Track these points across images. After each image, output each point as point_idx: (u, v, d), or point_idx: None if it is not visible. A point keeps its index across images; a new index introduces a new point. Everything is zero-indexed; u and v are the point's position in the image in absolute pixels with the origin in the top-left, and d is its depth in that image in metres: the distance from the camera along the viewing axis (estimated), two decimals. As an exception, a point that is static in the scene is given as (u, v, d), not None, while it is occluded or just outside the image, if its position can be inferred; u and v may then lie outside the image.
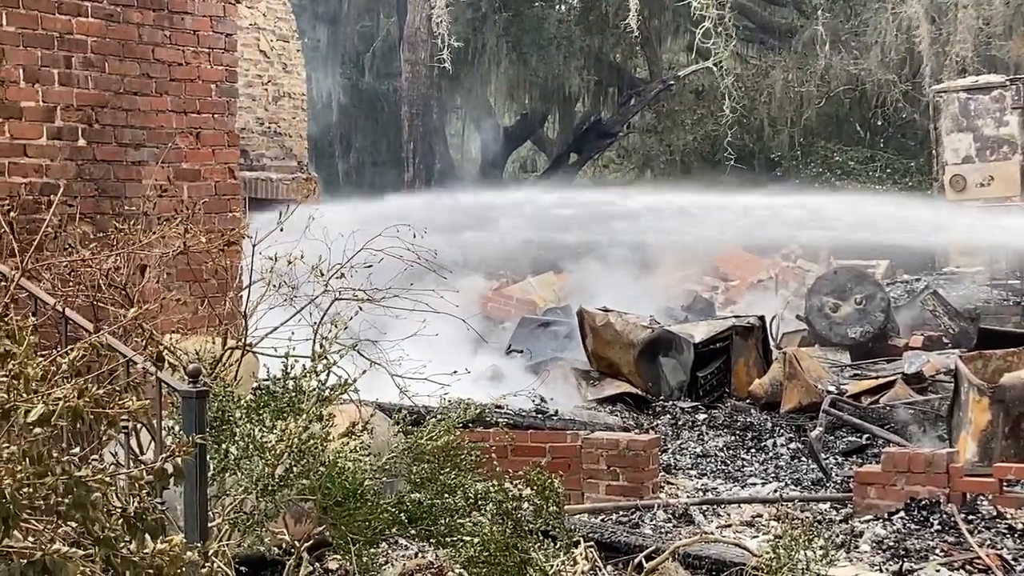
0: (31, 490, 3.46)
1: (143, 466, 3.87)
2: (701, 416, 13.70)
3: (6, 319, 4.05)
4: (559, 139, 36.82)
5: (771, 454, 12.31)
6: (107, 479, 3.55)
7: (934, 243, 20.74)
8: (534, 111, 36.00)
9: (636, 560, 7.64)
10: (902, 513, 9.40)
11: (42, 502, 3.64)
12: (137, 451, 5.69)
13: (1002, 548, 8.70)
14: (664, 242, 20.66)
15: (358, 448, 6.59)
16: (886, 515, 9.44)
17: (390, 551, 8.19)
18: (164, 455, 3.81)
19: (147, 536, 3.77)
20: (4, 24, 8.48)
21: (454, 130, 38.55)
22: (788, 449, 12.42)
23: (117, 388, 5.00)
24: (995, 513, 9.35)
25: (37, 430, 3.53)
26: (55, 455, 3.52)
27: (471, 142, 39.93)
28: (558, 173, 34.59)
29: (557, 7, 34.68)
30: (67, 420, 3.55)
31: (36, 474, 3.44)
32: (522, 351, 16.00)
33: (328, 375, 6.82)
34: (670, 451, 12.20)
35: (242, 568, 6.57)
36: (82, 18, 8.95)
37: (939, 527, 9.17)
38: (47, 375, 3.91)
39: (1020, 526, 9.12)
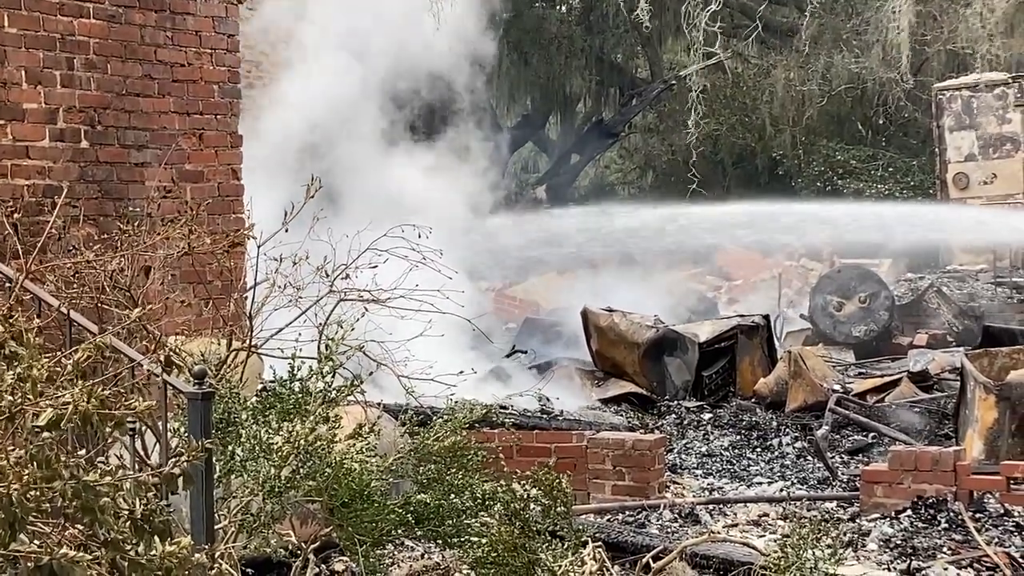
0: (38, 494, 3.43)
1: (151, 470, 3.84)
2: (706, 415, 13.68)
3: (11, 321, 4.02)
4: (561, 140, 36.78)
5: (777, 453, 12.29)
6: (115, 482, 3.52)
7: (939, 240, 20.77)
8: (535, 112, 35.94)
9: (643, 560, 7.61)
10: (909, 511, 9.38)
11: (49, 505, 3.61)
12: (142, 453, 5.66)
13: (1010, 546, 8.68)
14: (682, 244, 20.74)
15: (364, 449, 6.56)
16: (893, 513, 9.42)
17: (397, 552, 8.16)
18: (173, 459, 3.78)
19: (155, 539, 3.74)
20: (6, 26, 8.46)
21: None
22: (794, 448, 12.40)
23: (122, 390, 4.97)
24: (1002, 511, 9.32)
25: (45, 434, 3.50)
26: (63, 458, 3.49)
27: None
28: (560, 174, 34.54)
29: (558, 7, 34.62)
30: (76, 424, 3.52)
31: (44, 478, 3.41)
32: (526, 351, 15.98)
33: (334, 376, 6.80)
34: (676, 451, 12.18)
35: (248, 570, 6.55)
36: (84, 19, 8.93)
37: (946, 525, 9.15)
38: (53, 377, 3.88)
39: (1028, 524, 9.09)
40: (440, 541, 6.91)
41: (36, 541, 3.70)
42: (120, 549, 3.70)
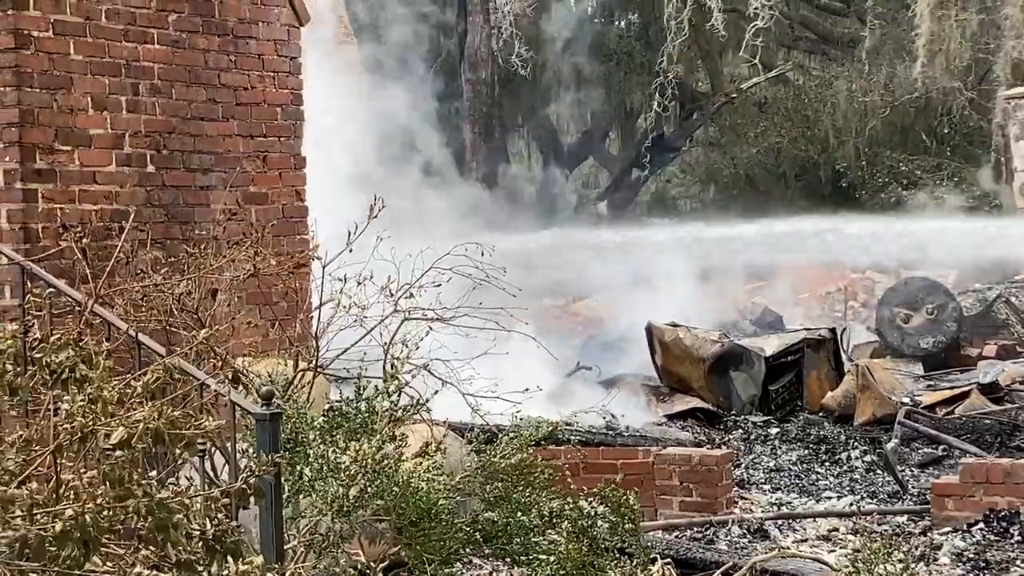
0: (112, 514, 3.46)
1: (221, 488, 3.87)
2: (773, 430, 13.59)
3: (81, 345, 4.06)
4: (621, 155, 36.72)
5: (846, 467, 12.19)
6: (187, 501, 3.55)
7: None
8: (596, 128, 35.92)
9: (713, 576, 7.57)
10: (981, 524, 9.29)
11: (121, 527, 3.64)
12: (212, 475, 5.70)
13: (1086, 559, 8.56)
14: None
15: (431, 468, 6.58)
16: (965, 527, 9.32)
17: (465, 571, 8.16)
18: (243, 474, 3.80)
19: (227, 558, 3.76)
20: (72, 53, 8.56)
21: (515, 148, 38.55)
22: (863, 462, 12.29)
23: (191, 412, 5.01)
24: (1077, 523, 9.20)
25: (118, 453, 3.53)
26: (135, 478, 3.52)
27: (533, 160, 39.92)
28: (621, 190, 34.51)
29: (617, 23, 34.61)
30: (147, 442, 3.55)
31: (117, 497, 3.43)
32: (591, 367, 15.94)
33: (400, 395, 6.82)
34: (743, 466, 12.11)
35: (318, 590, 6.56)
36: (148, 45, 9.02)
37: (1019, 538, 9.05)
38: (123, 399, 3.92)
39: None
40: (508, 559, 6.91)
41: (109, 563, 3.73)
42: (193, 569, 3.73)
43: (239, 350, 8.27)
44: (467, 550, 6.82)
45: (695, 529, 9.78)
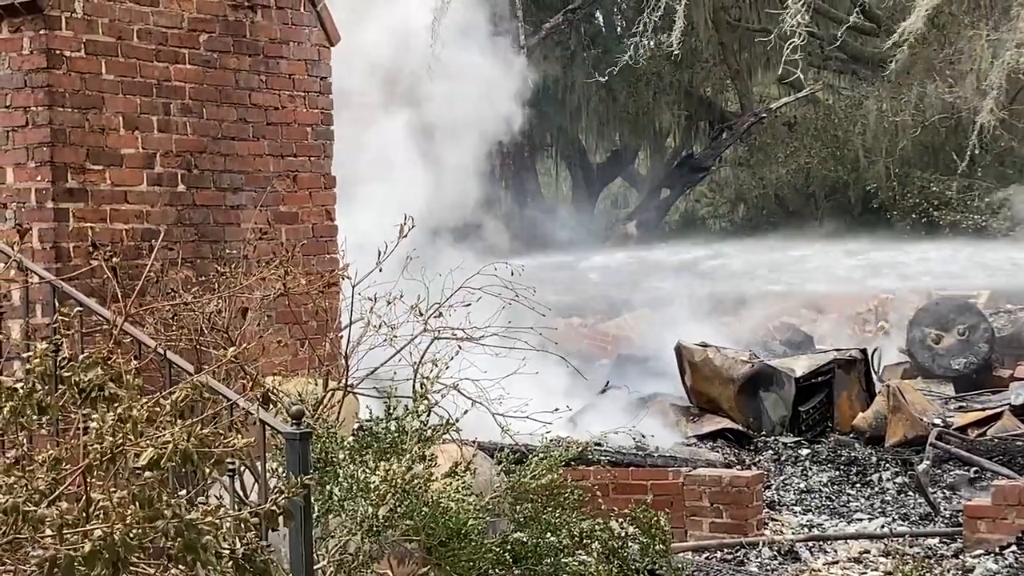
0: (141, 533, 3.45)
1: (251, 508, 3.85)
2: (804, 451, 13.53)
3: (111, 363, 4.06)
4: (650, 175, 36.69)
5: (877, 489, 12.11)
6: (217, 521, 3.53)
7: None
8: (625, 147, 35.91)
9: (744, 598, 7.53)
10: (1014, 547, 9.22)
11: (151, 546, 3.64)
12: (241, 494, 5.69)
13: (1121, 582, 8.48)
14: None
15: (461, 488, 6.56)
16: (997, 549, 9.25)
17: (494, 591, 8.12)
18: (272, 496, 3.79)
19: (256, 578, 3.75)
20: (103, 73, 8.60)
21: (545, 168, 38.55)
22: (894, 483, 12.22)
23: (220, 430, 5.00)
24: (1112, 546, 9.12)
25: (147, 473, 3.53)
26: (164, 498, 3.51)
27: (562, 180, 39.93)
28: (650, 209, 34.46)
29: (647, 43, 34.59)
30: (177, 462, 3.54)
31: (146, 517, 3.43)
32: (620, 387, 15.90)
33: (429, 415, 6.81)
34: (773, 487, 12.05)
35: (347, 610, 6.54)
36: (180, 65, 9.06)
37: (1053, 561, 8.97)
38: (152, 418, 3.91)
39: None
40: (538, 580, 6.88)
41: (138, 581, 3.72)
42: (221, 589, 3.71)
43: (269, 369, 8.28)
44: (496, 571, 6.80)
45: (725, 551, 9.73)
